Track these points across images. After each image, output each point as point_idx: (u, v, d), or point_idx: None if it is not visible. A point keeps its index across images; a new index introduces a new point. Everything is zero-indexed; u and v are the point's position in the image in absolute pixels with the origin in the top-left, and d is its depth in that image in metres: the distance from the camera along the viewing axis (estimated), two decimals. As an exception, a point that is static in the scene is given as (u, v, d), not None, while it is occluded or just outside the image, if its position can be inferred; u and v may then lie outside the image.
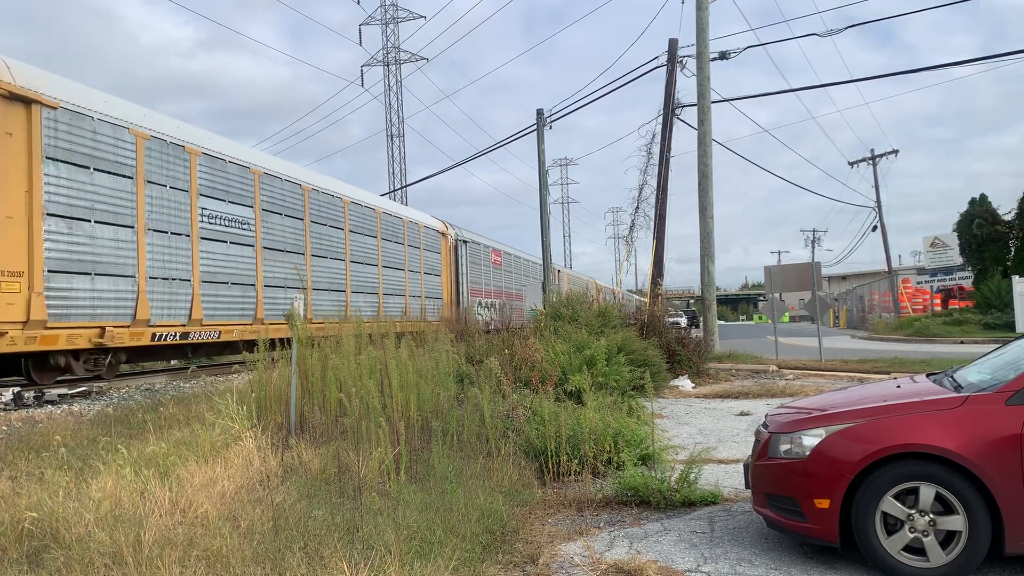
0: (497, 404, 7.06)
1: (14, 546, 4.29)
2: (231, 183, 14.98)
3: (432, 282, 24.82)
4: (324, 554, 3.87)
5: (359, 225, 20.08)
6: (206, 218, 14.11)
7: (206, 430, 6.29)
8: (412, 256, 23.34)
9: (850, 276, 67.24)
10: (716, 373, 15.41)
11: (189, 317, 13.51)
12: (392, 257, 21.88)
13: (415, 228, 23.93)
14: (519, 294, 33.64)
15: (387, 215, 21.96)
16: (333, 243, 18.71)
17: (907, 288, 45.79)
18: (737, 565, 4.30)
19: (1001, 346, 5.36)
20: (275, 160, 17.34)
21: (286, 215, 16.71)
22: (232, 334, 14.67)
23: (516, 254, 34.88)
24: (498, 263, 31.49)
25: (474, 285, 28.10)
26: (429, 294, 24.27)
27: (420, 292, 23.60)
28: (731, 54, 20.49)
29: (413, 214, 24.42)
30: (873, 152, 46.32)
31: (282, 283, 16.30)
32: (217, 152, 14.60)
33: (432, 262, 24.97)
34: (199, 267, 13.81)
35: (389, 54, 48.21)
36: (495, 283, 30.87)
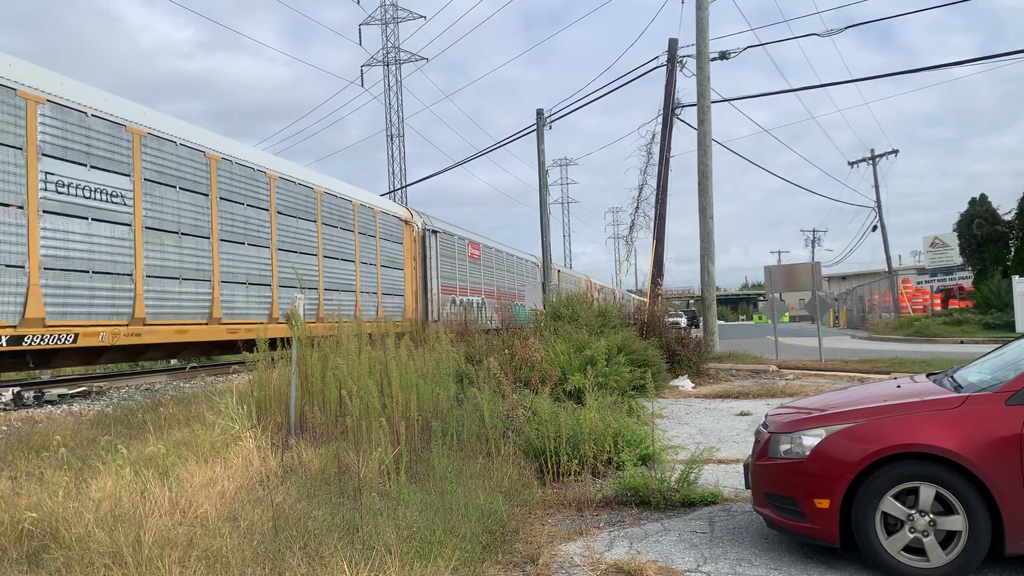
0: (497, 404, 7.07)
1: (14, 546, 4.29)
2: (95, 142, 11.72)
3: (393, 277, 21.68)
4: (324, 554, 3.87)
5: (292, 206, 16.89)
6: (53, 186, 10.94)
7: (206, 430, 6.29)
8: (366, 246, 20.21)
9: (850, 276, 67.23)
10: (716, 373, 15.41)
11: (22, 316, 10.35)
12: (338, 246, 18.78)
13: (369, 213, 20.60)
14: (504, 292, 31.72)
15: (330, 196, 18.73)
16: (253, 226, 15.43)
17: (907, 288, 45.77)
18: (737, 565, 4.30)
19: (1001, 346, 5.36)
20: (161, 117, 13.66)
21: (181, 188, 13.46)
22: (97, 338, 11.53)
23: (499, 248, 32.36)
24: (476, 257, 28.74)
25: (446, 281, 25.39)
26: (389, 290, 21.30)
27: (376, 288, 20.60)
28: (731, 54, 20.49)
29: (368, 197, 21.30)
30: (873, 152, 46.36)
31: (175, 274, 13.19)
32: (71, 102, 11.37)
33: (393, 254, 21.80)
34: (39, 249, 10.63)
35: (389, 54, 48.23)
36: (473, 279, 28.23)
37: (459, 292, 26.48)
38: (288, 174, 17.03)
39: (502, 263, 32.63)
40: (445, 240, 25.62)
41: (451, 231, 26.51)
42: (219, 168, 14.59)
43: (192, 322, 13.63)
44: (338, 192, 19.27)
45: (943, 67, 40.78)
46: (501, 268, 32.27)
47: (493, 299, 29.67)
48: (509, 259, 33.88)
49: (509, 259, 33.88)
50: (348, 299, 18.98)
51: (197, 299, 13.78)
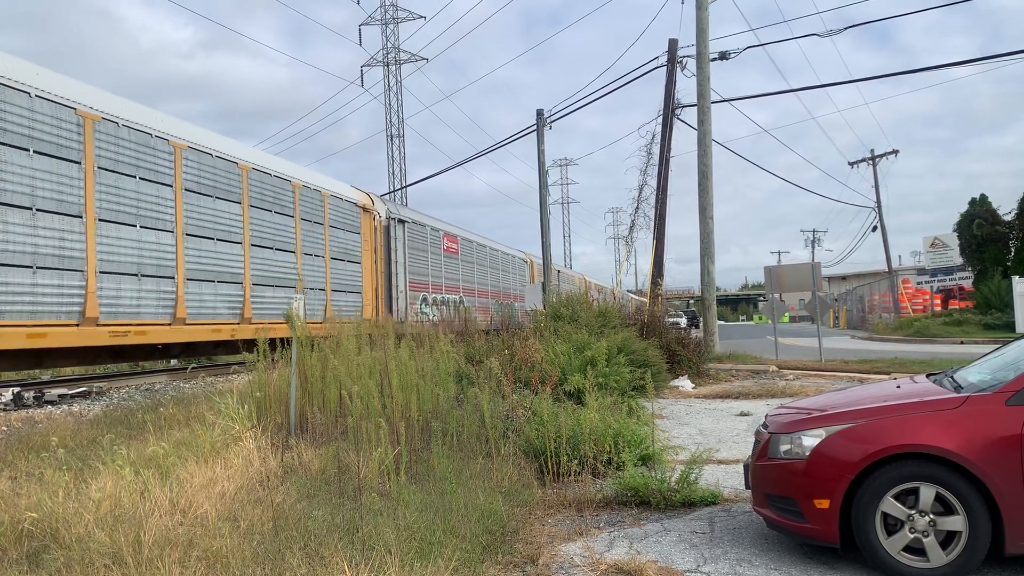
0: (497, 404, 7.07)
1: (14, 546, 4.29)
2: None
3: (347, 271, 18.89)
4: (324, 554, 3.87)
5: (207, 183, 13.97)
6: None
7: (206, 430, 6.29)
8: (311, 235, 17.43)
9: (850, 276, 67.21)
10: (716, 373, 15.41)
11: None
12: (272, 233, 15.88)
13: (315, 197, 17.73)
14: (489, 290, 29.35)
15: (262, 173, 15.66)
16: (148, 205, 12.54)
17: (907, 288, 45.77)
18: (737, 565, 4.30)
19: (1001, 346, 5.36)
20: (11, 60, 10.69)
21: (36, 152, 10.58)
22: None
23: (481, 242, 29.44)
24: (453, 251, 25.87)
25: (416, 277, 22.47)
26: (342, 286, 18.55)
27: (324, 283, 17.81)
28: (731, 54, 20.49)
29: (314, 178, 18.33)
30: (873, 152, 46.36)
31: (28, 262, 10.36)
32: None
33: (347, 244, 18.96)
34: None
35: (389, 54, 48.25)
36: (450, 276, 25.44)
37: (432, 289, 23.67)
38: (202, 144, 13.99)
39: (485, 259, 29.61)
40: (415, 231, 22.72)
41: (422, 221, 23.73)
42: (97, 130, 11.64)
43: (55, 323, 10.74)
44: (273, 170, 16.21)
45: (942, 67, 40.87)
46: (484, 264, 29.34)
47: (474, 297, 27.34)
48: (493, 254, 30.93)
49: (493, 254, 30.93)
50: (286, 297, 16.14)
51: (61, 295, 10.86)
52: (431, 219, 25.09)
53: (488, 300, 28.89)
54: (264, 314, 15.19)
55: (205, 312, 13.76)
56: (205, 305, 13.77)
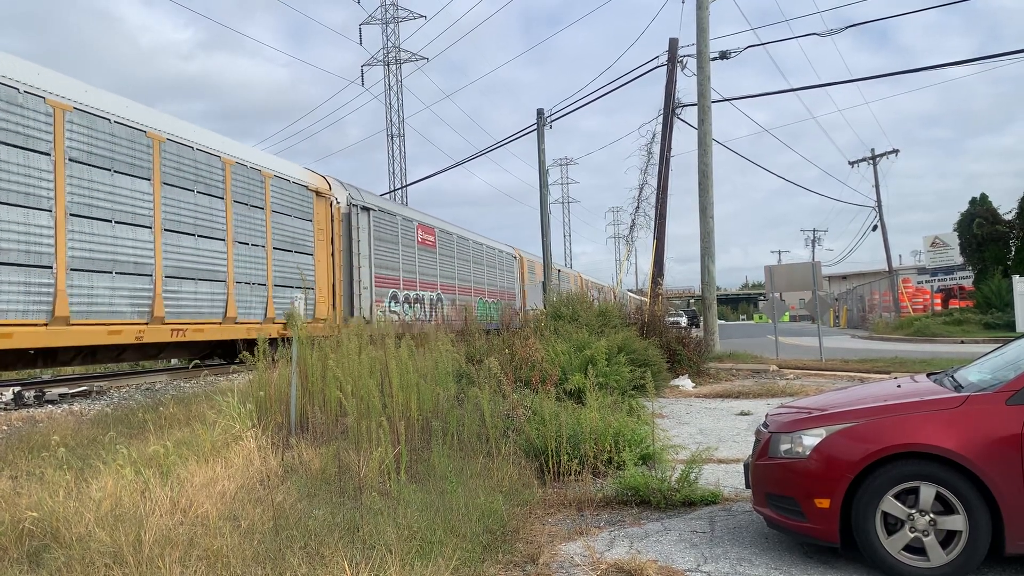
0: (497, 404, 7.06)
1: (14, 545, 4.29)
2: None
3: (296, 264, 16.75)
4: (325, 553, 3.87)
5: (103, 155, 11.51)
6: None
7: (207, 430, 6.30)
8: (247, 221, 14.84)
9: (850, 276, 67.20)
10: (716, 373, 15.41)
11: None
12: (193, 217, 13.27)
13: (253, 177, 15.14)
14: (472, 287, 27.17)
15: (180, 146, 13.00)
16: (16, 177, 10.03)
17: (907, 288, 45.76)
18: (737, 565, 4.30)
19: (1001, 346, 5.36)
20: None
21: None
22: None
23: (463, 235, 27.19)
24: (429, 243, 23.53)
25: (385, 272, 20.17)
26: (288, 280, 16.22)
27: (265, 277, 15.37)
28: (731, 54, 20.49)
29: (252, 154, 15.69)
30: (873, 152, 46.35)
31: None
32: None
33: (295, 233, 16.62)
34: None
35: (389, 54, 48.24)
36: (426, 271, 23.10)
37: (405, 286, 21.41)
38: (97, 107, 11.49)
39: (467, 253, 27.20)
40: (383, 221, 20.36)
41: (392, 210, 21.64)
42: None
43: None
44: (195, 142, 13.54)
45: (941, 67, 40.97)
46: (466, 259, 27.02)
47: (454, 295, 25.25)
48: (478, 249, 28.47)
49: (478, 249, 28.47)
50: (212, 293, 13.72)
51: None
52: (403, 208, 22.90)
53: (471, 298, 26.61)
54: (183, 313, 12.87)
55: (99, 310, 11.31)
56: (98, 302, 11.36)
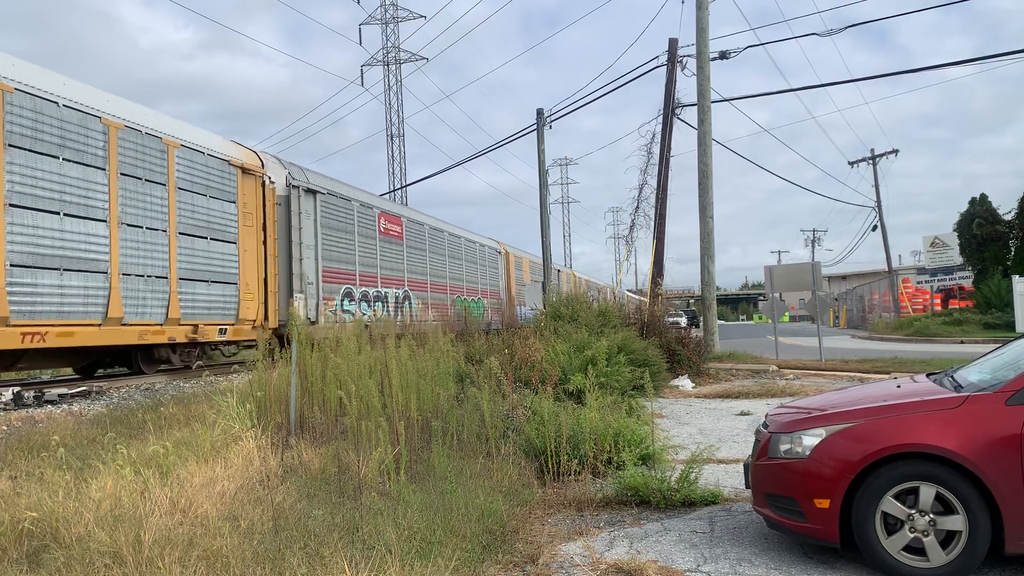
0: (497, 404, 7.06)
1: (14, 546, 4.29)
2: None
3: (212, 254, 13.95)
4: (324, 554, 3.87)
5: None
6: None
7: (206, 430, 6.30)
8: (140, 198, 12.20)
9: (850, 276, 67.22)
10: (716, 373, 15.41)
11: None
12: (58, 191, 10.75)
13: (150, 146, 12.49)
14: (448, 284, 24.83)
15: (37, 99, 10.44)
16: None
17: (907, 288, 45.77)
18: (737, 565, 4.30)
19: (1001, 346, 5.36)
20: None
21: None
22: None
23: (437, 226, 24.62)
24: (394, 235, 21.00)
25: (335, 265, 17.66)
26: (199, 274, 13.62)
27: (167, 269, 12.69)
28: (731, 54, 20.49)
29: (151, 118, 12.81)
30: (873, 152, 46.32)
31: None
32: None
33: (212, 216, 14.02)
34: None
35: (389, 54, 48.23)
36: (389, 265, 20.63)
37: (363, 282, 18.92)
38: None
39: (442, 246, 24.66)
40: (333, 206, 17.81)
41: (347, 194, 18.69)
42: None
43: None
44: (62, 97, 10.85)
45: (940, 67, 40.98)
46: (440, 253, 24.52)
47: (426, 292, 22.86)
48: (455, 242, 25.87)
49: (455, 242, 25.87)
50: (87, 286, 11.23)
51: None
52: (361, 193, 19.89)
53: (446, 296, 24.49)
54: (42, 312, 10.46)
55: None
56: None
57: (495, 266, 30.74)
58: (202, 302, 13.76)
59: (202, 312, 13.72)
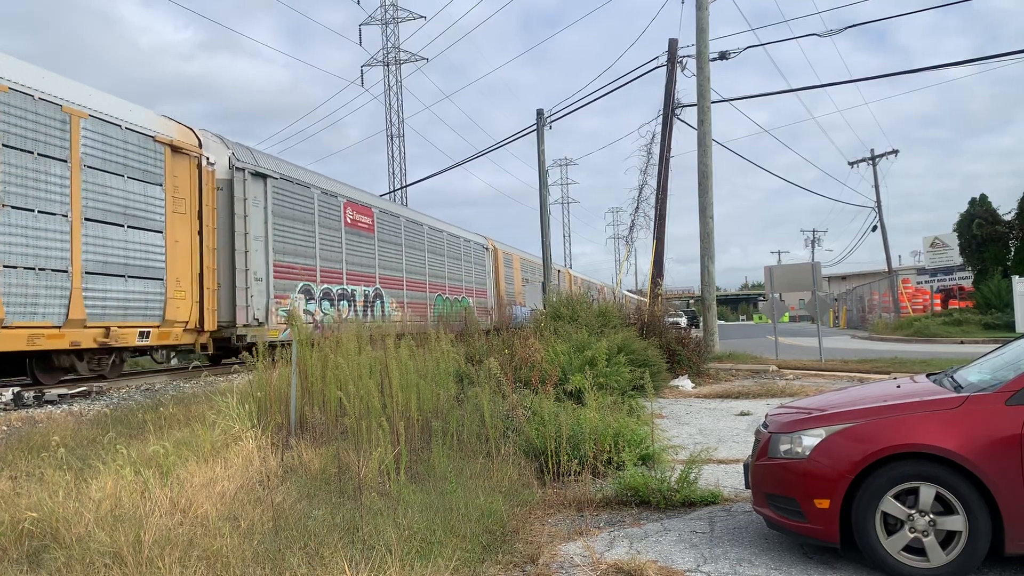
0: (497, 404, 7.07)
1: (14, 546, 4.29)
2: None
3: (130, 244, 12.08)
4: (324, 554, 3.87)
5: None
6: None
7: (206, 430, 6.30)
8: (35, 177, 10.45)
9: (850, 276, 67.20)
10: (716, 373, 15.41)
11: None
12: None
13: (47, 113, 10.70)
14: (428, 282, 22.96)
15: None
16: None
17: (907, 288, 45.77)
18: (737, 565, 4.30)
19: (1001, 346, 5.36)
20: None
21: None
22: None
23: (415, 218, 23.03)
24: (364, 226, 19.21)
25: (291, 260, 15.78)
26: (117, 267, 11.80)
27: (68, 262, 10.91)
28: (731, 54, 20.49)
29: (45, 81, 10.80)
30: (873, 152, 46.30)
31: None
32: None
33: (135, 201, 12.21)
34: None
35: (389, 54, 48.24)
36: (357, 260, 18.72)
37: (325, 278, 17.06)
38: None
39: (420, 240, 22.74)
40: (290, 192, 15.86)
41: (305, 179, 16.78)
42: None
43: None
44: None
45: (939, 68, 40.91)
46: (419, 247, 22.65)
47: (400, 290, 21.05)
48: (436, 236, 23.96)
49: (436, 236, 23.96)
50: None
51: None
52: (323, 179, 17.90)
53: (425, 294, 22.66)
54: None
55: None
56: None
57: (482, 263, 28.69)
58: (116, 301, 11.75)
59: (116, 312, 11.71)
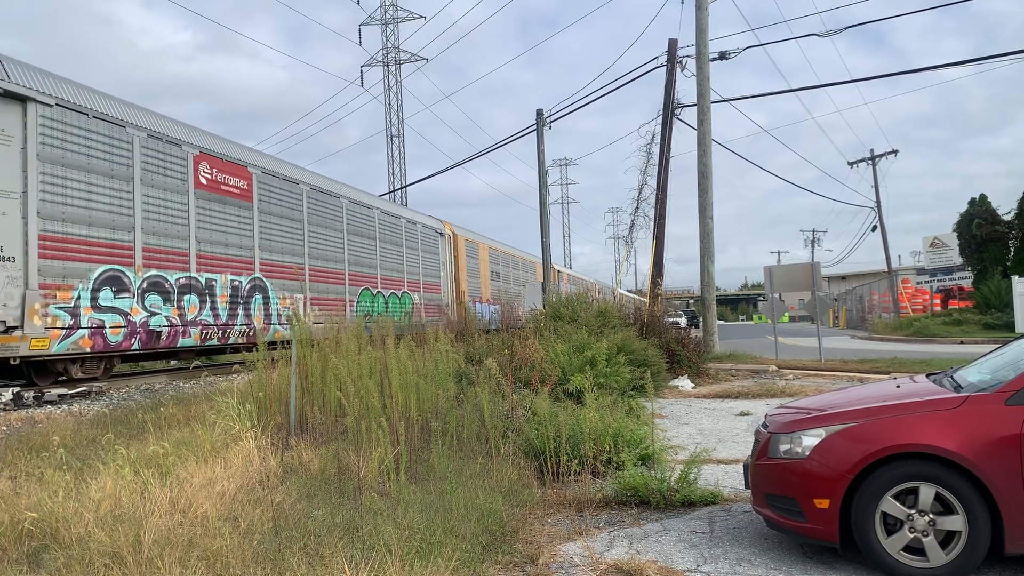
0: (497, 404, 7.06)
1: (14, 546, 4.29)
2: None
3: None
4: (324, 554, 3.87)
5: None
6: None
7: (206, 430, 6.30)
8: None
9: (850, 276, 67.21)
10: (716, 373, 15.41)
11: None
12: None
13: None
14: (350, 271, 18.34)
15: None
16: None
17: (907, 288, 45.77)
18: (737, 565, 4.30)
19: (1001, 346, 5.36)
20: None
21: None
22: None
23: (330, 189, 18.21)
24: (232, 191, 14.54)
25: (85, 232, 11.29)
26: None
27: None
28: (731, 54, 20.50)
29: None
30: (873, 152, 46.32)
31: None
32: None
33: None
34: None
35: (389, 54, 48.24)
36: (224, 239, 14.25)
37: (152, 262, 12.43)
38: None
39: (335, 217, 18.09)
40: (77, 131, 11.29)
41: (114, 115, 12.02)
42: None
43: None
44: None
45: (938, 68, 41.02)
46: (333, 227, 17.98)
47: (303, 280, 16.45)
48: (361, 212, 19.38)
49: (361, 212, 19.38)
50: None
51: None
52: (154, 117, 13.08)
53: (344, 288, 18.02)
54: None
55: None
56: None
57: (434, 251, 23.91)
58: None
59: None
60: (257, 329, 14.55)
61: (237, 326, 14.37)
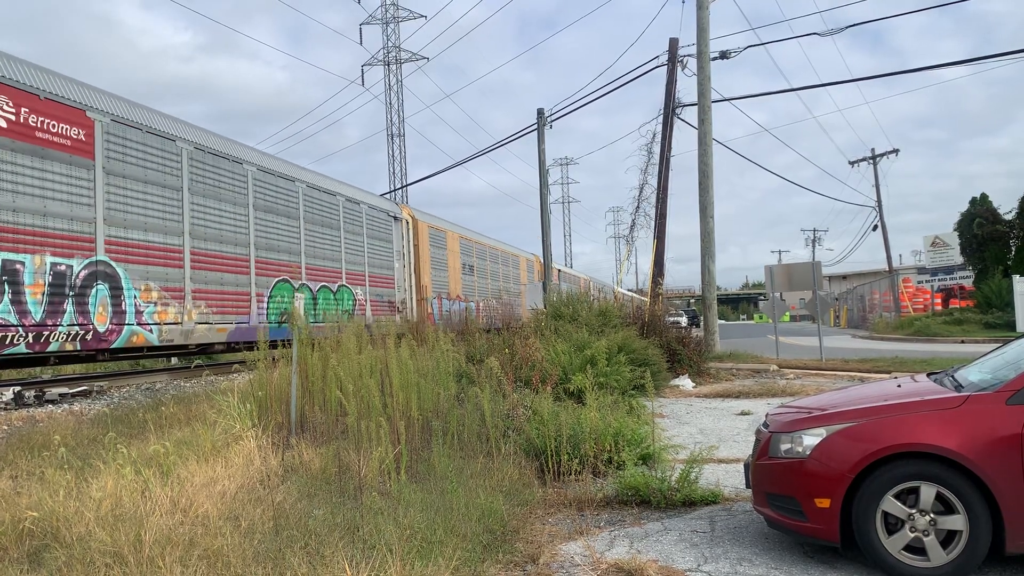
0: (497, 403, 7.06)
1: (15, 545, 4.29)
2: None
3: None
4: (325, 553, 3.87)
5: None
6: None
7: (207, 429, 6.30)
8: None
9: (851, 275, 67.16)
10: (717, 372, 15.40)
11: None
12: None
13: None
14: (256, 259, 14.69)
15: None
16: None
17: (908, 287, 45.77)
18: (738, 565, 4.30)
19: (1002, 345, 5.35)
20: None
21: None
22: None
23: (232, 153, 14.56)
24: (59, 144, 10.54)
25: None
26: None
27: None
28: (731, 53, 20.49)
29: None
30: (874, 151, 46.37)
31: None
32: None
33: None
34: None
35: (390, 53, 48.24)
36: (35, 207, 10.10)
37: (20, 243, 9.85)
38: None
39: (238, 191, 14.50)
40: None
41: None
42: None
43: None
44: None
45: (936, 68, 41.14)
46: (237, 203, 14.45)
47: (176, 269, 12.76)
48: (278, 185, 15.76)
49: (278, 185, 15.76)
50: None
51: None
52: None
53: (249, 279, 14.61)
54: None
55: None
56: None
57: (387, 239, 20.40)
58: None
59: None
60: (100, 331, 10.99)
61: (63, 327, 10.45)
